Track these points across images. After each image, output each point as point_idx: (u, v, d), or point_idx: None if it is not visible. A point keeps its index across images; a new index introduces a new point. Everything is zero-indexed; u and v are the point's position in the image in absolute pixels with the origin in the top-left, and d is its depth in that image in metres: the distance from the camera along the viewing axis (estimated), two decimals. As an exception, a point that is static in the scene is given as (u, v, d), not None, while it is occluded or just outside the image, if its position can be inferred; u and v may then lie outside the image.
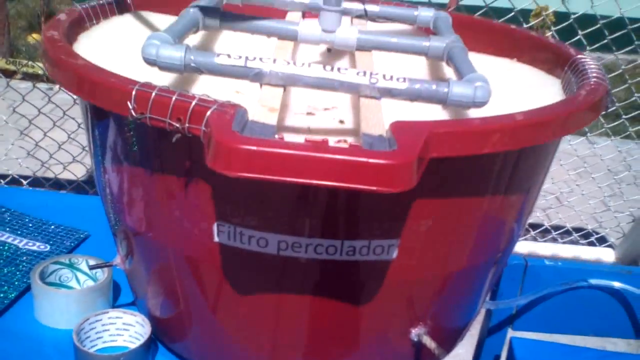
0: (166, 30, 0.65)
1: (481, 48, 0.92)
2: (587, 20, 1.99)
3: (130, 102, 0.55)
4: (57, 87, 2.32)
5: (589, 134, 2.37)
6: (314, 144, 0.48)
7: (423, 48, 0.78)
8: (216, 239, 0.63)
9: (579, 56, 0.79)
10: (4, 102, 2.37)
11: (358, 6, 0.90)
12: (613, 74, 1.90)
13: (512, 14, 1.91)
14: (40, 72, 3.14)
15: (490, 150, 0.56)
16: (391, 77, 0.61)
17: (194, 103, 0.53)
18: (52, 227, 1.06)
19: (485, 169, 0.63)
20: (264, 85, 0.61)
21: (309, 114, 0.73)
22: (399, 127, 0.52)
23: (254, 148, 0.46)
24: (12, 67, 3.17)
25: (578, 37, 1.94)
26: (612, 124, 2.32)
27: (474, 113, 0.65)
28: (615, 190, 2.44)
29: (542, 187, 0.78)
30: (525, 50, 0.90)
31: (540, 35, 0.94)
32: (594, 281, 1.04)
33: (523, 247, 2.33)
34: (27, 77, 3.22)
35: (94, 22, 0.83)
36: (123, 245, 0.78)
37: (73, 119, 2.00)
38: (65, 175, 2.18)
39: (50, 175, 2.16)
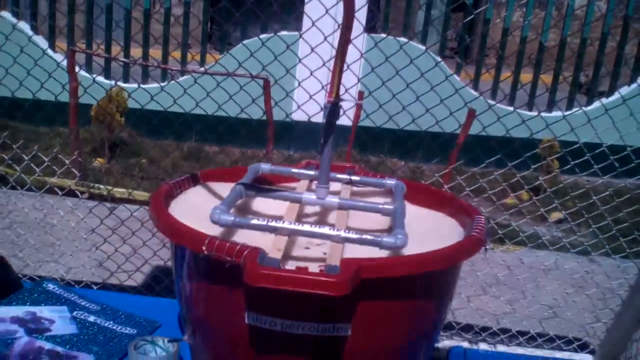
0: (223, 202, 1.15)
1: (423, 204, 1.41)
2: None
3: (204, 246, 1.03)
4: (120, 206, 2.86)
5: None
6: (298, 270, 0.96)
7: (379, 209, 1.27)
8: (246, 321, 1.09)
9: (477, 216, 1.26)
10: (74, 217, 2.92)
11: (345, 177, 1.41)
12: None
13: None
14: (104, 192, 3.73)
15: (400, 273, 1.03)
16: (349, 231, 1.09)
17: (237, 247, 1.01)
18: (137, 318, 1.53)
19: (404, 284, 1.08)
20: (277, 235, 1.10)
21: (306, 248, 1.21)
22: (344, 261, 1.00)
23: (266, 272, 0.94)
24: (81, 189, 3.75)
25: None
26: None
27: (407, 250, 1.11)
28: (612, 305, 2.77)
29: (453, 293, 1.23)
30: (446, 206, 1.38)
31: (458, 198, 1.42)
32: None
33: (512, 350, 2.70)
34: (94, 197, 3.82)
35: (179, 191, 1.34)
36: (189, 327, 1.25)
37: (139, 237, 2.51)
38: (129, 283, 2.67)
39: (115, 281, 2.65)
